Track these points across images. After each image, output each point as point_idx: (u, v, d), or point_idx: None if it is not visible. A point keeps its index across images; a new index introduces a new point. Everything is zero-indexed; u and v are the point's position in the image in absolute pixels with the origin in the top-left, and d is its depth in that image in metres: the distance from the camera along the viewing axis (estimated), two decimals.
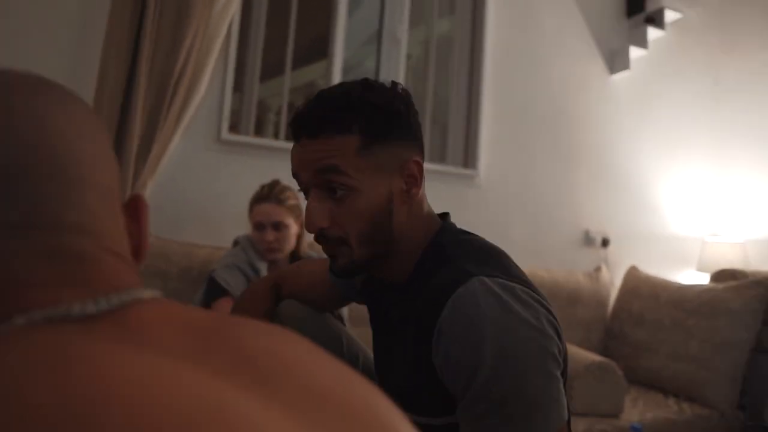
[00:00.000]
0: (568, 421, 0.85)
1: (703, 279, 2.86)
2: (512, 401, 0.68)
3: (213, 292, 1.75)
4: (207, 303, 1.74)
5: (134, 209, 0.43)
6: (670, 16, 3.04)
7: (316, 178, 0.80)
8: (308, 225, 0.82)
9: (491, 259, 0.80)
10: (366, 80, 0.83)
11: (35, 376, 0.25)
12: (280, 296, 1.11)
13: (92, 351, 0.28)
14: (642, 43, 3.01)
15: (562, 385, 0.72)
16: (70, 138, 0.37)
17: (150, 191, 2.00)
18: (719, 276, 2.56)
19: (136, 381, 0.26)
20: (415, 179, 0.83)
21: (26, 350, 0.28)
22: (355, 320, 1.89)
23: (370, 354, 1.03)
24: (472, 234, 0.88)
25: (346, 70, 2.63)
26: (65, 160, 0.36)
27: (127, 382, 0.26)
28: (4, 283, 0.33)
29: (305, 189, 0.84)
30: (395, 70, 2.66)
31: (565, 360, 0.76)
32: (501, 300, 0.71)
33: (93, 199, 0.37)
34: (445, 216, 0.91)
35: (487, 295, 0.71)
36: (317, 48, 2.78)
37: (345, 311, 1.87)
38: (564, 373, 0.76)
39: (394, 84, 0.85)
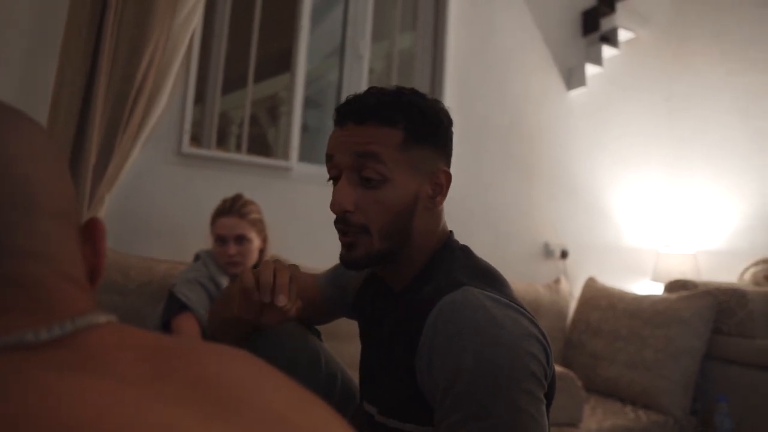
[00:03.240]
0: None
1: (658, 289, 2.95)
2: (486, 416, 0.67)
3: (173, 307, 1.71)
4: (167, 319, 1.71)
5: (91, 232, 0.43)
6: (623, 35, 3.17)
7: (353, 161, 0.82)
8: (334, 205, 0.83)
9: (486, 276, 0.82)
10: (415, 89, 0.88)
11: None
12: None
13: (47, 379, 0.28)
14: (597, 60, 3.12)
15: (543, 407, 0.71)
16: (25, 163, 0.37)
17: (108, 205, 1.95)
18: (672, 286, 2.65)
19: (95, 409, 0.26)
20: (441, 188, 0.86)
21: None
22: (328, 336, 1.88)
23: (347, 372, 1.03)
24: (472, 252, 0.90)
25: (308, 82, 2.64)
26: (20, 185, 0.36)
27: (85, 410, 0.26)
28: None
29: (336, 174, 0.86)
30: (358, 84, 2.68)
31: (552, 384, 0.76)
32: (488, 312, 0.71)
33: (48, 224, 0.37)
34: (450, 233, 0.92)
35: (474, 305, 0.72)
36: (280, 60, 2.78)
37: None
38: (549, 397, 0.76)
39: (438, 101, 0.90)
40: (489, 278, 0.81)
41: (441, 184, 0.86)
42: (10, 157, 0.36)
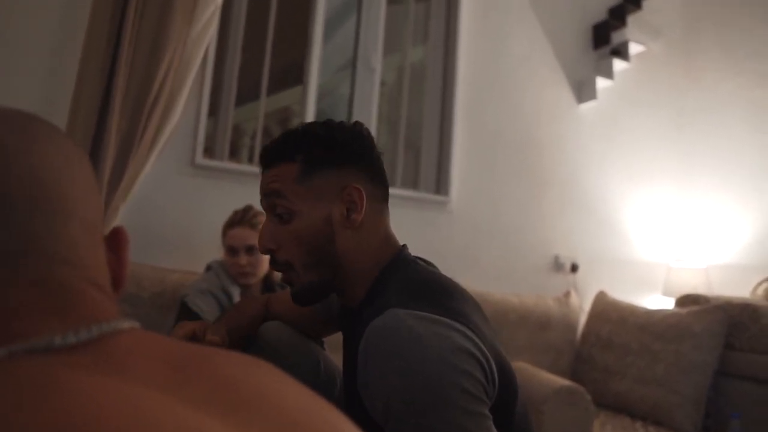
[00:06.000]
0: None
1: (669, 303, 2.93)
2: None
3: (185, 317, 1.73)
4: None
5: (115, 241, 0.45)
6: (634, 48, 3.17)
7: (265, 203, 0.89)
8: (259, 245, 0.89)
9: (422, 292, 0.80)
10: (327, 120, 0.91)
11: (21, 407, 0.26)
12: (269, 317, 1.10)
13: (75, 382, 0.29)
14: (608, 74, 3.13)
15: (488, 422, 0.70)
16: (58, 172, 0.39)
17: (122, 215, 1.98)
18: (683, 301, 2.63)
19: (120, 411, 0.27)
20: (356, 204, 0.86)
21: (8, 381, 0.29)
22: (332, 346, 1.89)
23: None
24: (422, 266, 0.89)
25: (321, 95, 2.66)
26: (53, 192, 0.38)
27: (112, 412, 0.27)
28: None
29: None
30: (369, 97, 2.70)
31: (508, 389, 0.76)
32: (412, 332, 0.70)
33: (77, 230, 0.39)
34: (401, 249, 0.91)
35: (398, 327, 0.71)
36: (293, 73, 2.81)
37: None
38: (509, 409, 0.77)
39: (356, 124, 0.92)
40: (427, 294, 0.79)
41: (354, 200, 0.86)
42: (45, 167, 0.38)
